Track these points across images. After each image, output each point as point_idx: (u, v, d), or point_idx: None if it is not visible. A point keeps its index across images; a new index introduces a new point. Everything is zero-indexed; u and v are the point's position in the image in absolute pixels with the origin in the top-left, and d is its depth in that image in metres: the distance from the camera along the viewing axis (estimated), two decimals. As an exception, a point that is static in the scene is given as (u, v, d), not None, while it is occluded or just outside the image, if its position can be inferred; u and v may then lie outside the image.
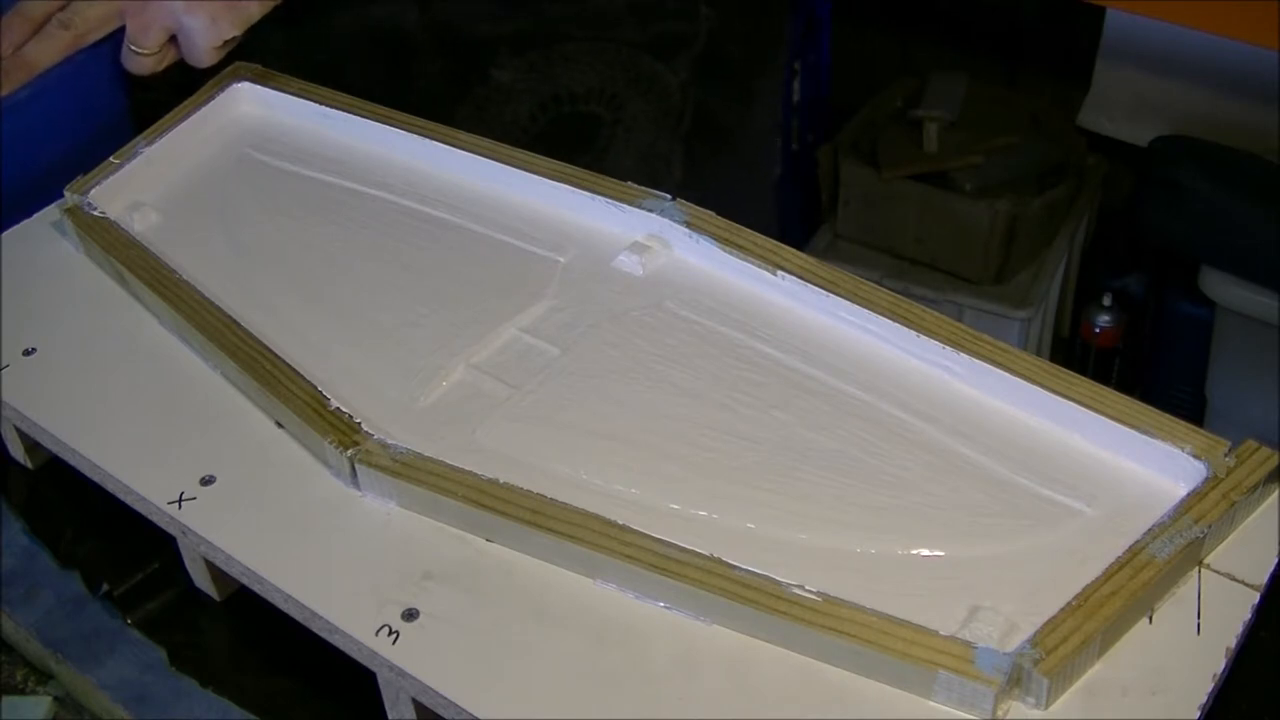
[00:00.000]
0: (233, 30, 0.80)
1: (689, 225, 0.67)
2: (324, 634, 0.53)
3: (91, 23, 0.81)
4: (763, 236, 0.66)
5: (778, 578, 0.50)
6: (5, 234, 0.74)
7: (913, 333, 0.60)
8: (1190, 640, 0.50)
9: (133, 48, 0.81)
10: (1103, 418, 0.56)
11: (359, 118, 0.77)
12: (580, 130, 0.98)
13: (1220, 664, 0.49)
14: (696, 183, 0.71)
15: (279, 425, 0.61)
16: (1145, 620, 0.51)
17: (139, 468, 0.59)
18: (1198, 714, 0.47)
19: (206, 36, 0.80)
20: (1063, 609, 0.49)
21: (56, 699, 0.59)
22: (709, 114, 1.02)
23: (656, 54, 0.99)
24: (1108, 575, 0.50)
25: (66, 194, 0.73)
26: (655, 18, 0.99)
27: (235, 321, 0.64)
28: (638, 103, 0.99)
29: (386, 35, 0.96)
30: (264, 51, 0.85)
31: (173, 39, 0.81)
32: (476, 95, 0.96)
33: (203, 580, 0.61)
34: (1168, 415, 0.56)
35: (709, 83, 1.01)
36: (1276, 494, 0.55)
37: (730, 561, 0.51)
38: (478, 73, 0.96)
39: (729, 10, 1.01)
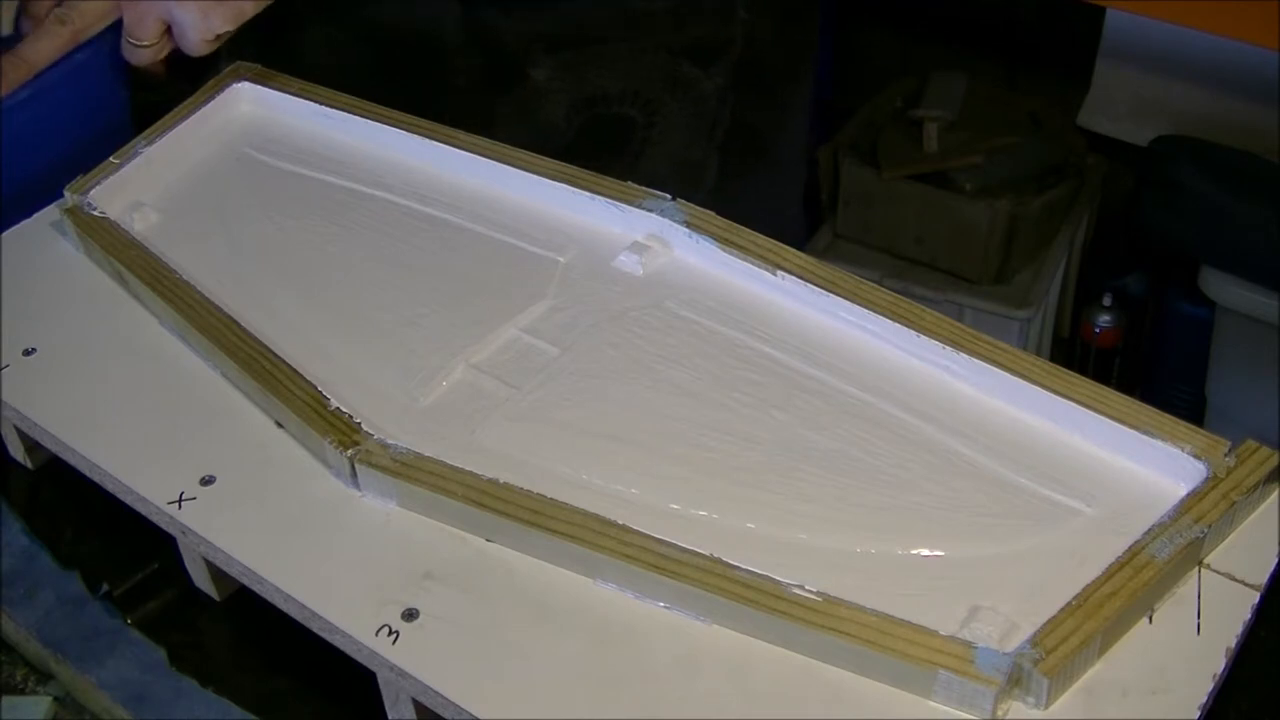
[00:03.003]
0: (224, 25, 0.81)
1: (689, 225, 0.67)
2: (324, 634, 0.53)
3: (89, 18, 0.81)
4: (763, 236, 0.66)
5: (778, 578, 0.50)
6: (5, 234, 0.74)
7: (913, 333, 0.60)
8: (1190, 640, 0.50)
9: (130, 40, 0.81)
10: (1103, 418, 0.56)
11: (359, 118, 0.77)
12: (614, 133, 0.98)
13: (1220, 664, 0.49)
14: (729, 191, 0.71)
15: (279, 425, 0.61)
16: (1145, 620, 0.51)
17: (139, 468, 0.59)
18: (1198, 714, 0.47)
19: (198, 30, 0.81)
20: (1063, 609, 0.49)
21: (56, 699, 0.59)
22: (744, 121, 1.02)
23: (693, 58, 0.99)
24: (1108, 575, 0.50)
25: (66, 194, 0.73)
26: (693, 22, 0.98)
27: (235, 321, 0.64)
28: (672, 107, 0.98)
29: (424, 33, 0.96)
30: (298, 50, 0.86)
31: (169, 29, 0.82)
32: (516, 95, 0.95)
33: (203, 580, 0.61)
34: (1168, 415, 0.56)
35: (745, 89, 1.01)
36: (1276, 494, 0.55)
37: (730, 561, 0.51)
38: (515, 72, 0.95)
39: (764, 15, 1.00)
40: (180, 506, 0.57)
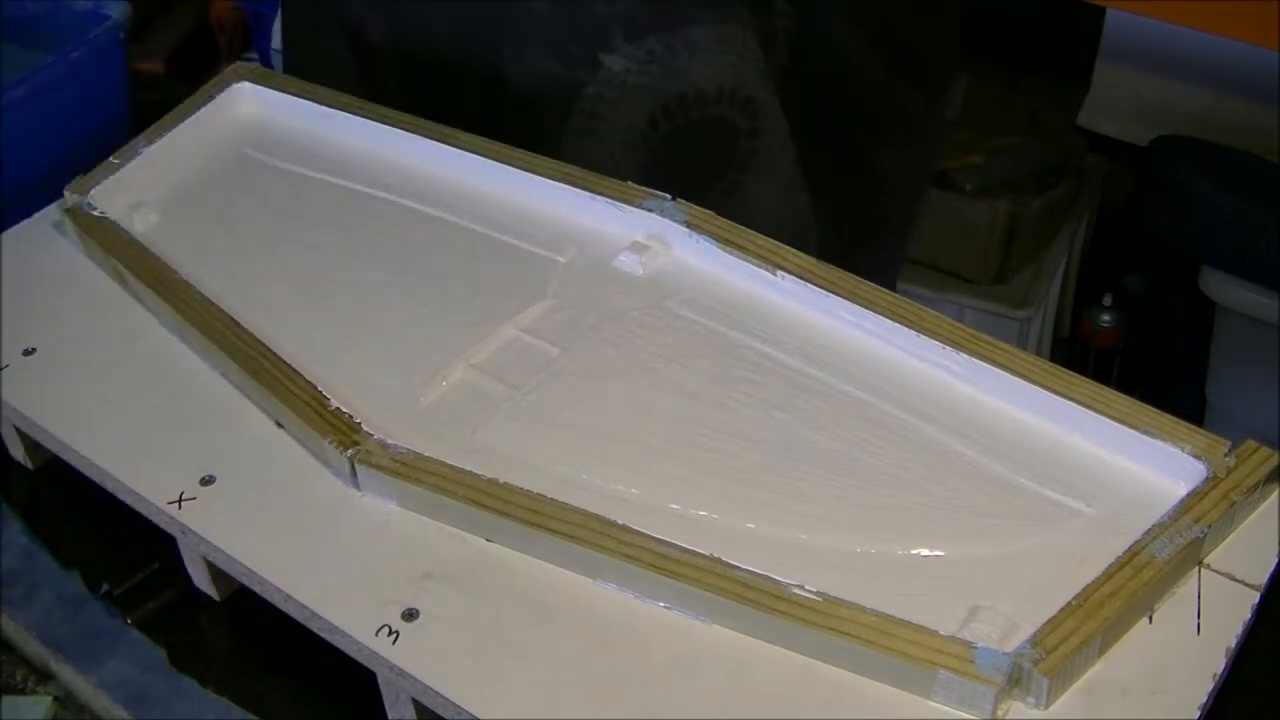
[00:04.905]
0: None
1: (689, 225, 0.67)
2: (324, 634, 0.53)
3: None
4: (762, 236, 0.66)
5: (778, 578, 0.50)
6: (5, 234, 0.74)
7: (913, 333, 0.60)
8: (1190, 640, 0.50)
9: None
10: (1103, 418, 0.56)
11: (359, 118, 0.77)
12: (712, 141, 0.82)
13: (1220, 664, 0.49)
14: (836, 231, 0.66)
15: (279, 425, 0.61)
16: (1145, 620, 0.51)
17: (139, 468, 0.59)
18: (1198, 714, 0.47)
19: None
20: (1063, 609, 0.49)
21: (56, 699, 0.59)
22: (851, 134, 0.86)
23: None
24: (1108, 575, 0.50)
25: (66, 194, 0.73)
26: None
27: (235, 321, 0.64)
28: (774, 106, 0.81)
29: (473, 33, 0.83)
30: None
31: None
32: (587, 93, 0.81)
33: (203, 580, 0.61)
34: (1168, 415, 0.56)
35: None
36: (1276, 494, 0.55)
37: (730, 561, 0.51)
38: (587, 62, 0.80)
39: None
40: (180, 506, 0.57)
